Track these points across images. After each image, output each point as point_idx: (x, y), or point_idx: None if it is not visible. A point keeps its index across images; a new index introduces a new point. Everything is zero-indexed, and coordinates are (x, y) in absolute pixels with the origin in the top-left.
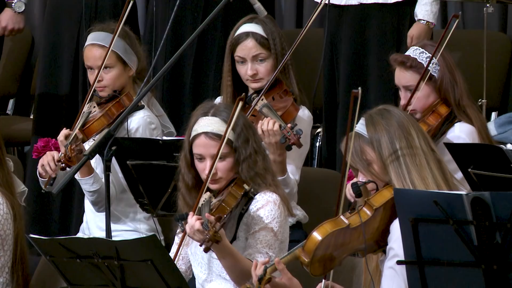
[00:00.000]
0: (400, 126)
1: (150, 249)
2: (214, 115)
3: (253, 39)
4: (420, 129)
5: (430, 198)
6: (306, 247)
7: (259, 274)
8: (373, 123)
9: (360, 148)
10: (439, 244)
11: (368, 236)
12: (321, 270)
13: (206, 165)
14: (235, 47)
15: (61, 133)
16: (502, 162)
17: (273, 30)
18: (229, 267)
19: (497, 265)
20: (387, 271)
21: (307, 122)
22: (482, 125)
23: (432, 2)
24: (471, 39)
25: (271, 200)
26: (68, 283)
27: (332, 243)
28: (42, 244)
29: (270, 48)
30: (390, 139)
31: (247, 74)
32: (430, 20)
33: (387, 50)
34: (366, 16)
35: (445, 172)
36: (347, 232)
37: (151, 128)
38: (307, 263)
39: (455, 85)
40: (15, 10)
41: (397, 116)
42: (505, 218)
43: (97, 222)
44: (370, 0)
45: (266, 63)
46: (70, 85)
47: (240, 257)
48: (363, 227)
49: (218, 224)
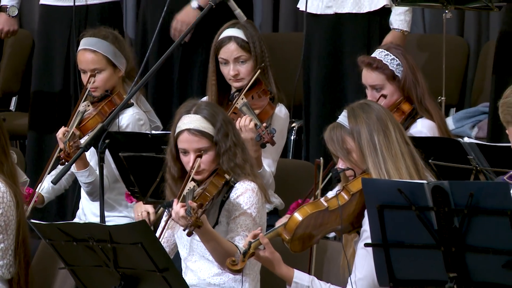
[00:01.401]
0: (379, 120)
1: (140, 233)
2: (196, 112)
3: (235, 43)
4: (397, 123)
5: (395, 186)
6: (287, 226)
7: (243, 249)
8: (354, 115)
9: (341, 137)
10: (402, 229)
11: (344, 218)
12: (300, 247)
13: (190, 158)
14: (219, 50)
15: (59, 131)
16: (459, 154)
17: (253, 34)
18: (212, 249)
19: (455, 247)
20: (360, 251)
21: (283, 119)
22: (442, 120)
23: (406, 11)
24: (432, 43)
25: (250, 188)
26: (66, 264)
27: (312, 223)
28: (42, 229)
29: (250, 51)
30: (369, 131)
31: (229, 74)
32: (404, 29)
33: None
34: (340, 24)
35: (417, 164)
36: (325, 214)
37: (140, 124)
38: (288, 240)
39: (417, 84)
40: (9, 14)
41: (376, 110)
42: (462, 204)
43: (92, 209)
44: (344, 10)
45: (247, 64)
46: (62, 83)
47: (222, 240)
48: (340, 210)
49: (200, 210)
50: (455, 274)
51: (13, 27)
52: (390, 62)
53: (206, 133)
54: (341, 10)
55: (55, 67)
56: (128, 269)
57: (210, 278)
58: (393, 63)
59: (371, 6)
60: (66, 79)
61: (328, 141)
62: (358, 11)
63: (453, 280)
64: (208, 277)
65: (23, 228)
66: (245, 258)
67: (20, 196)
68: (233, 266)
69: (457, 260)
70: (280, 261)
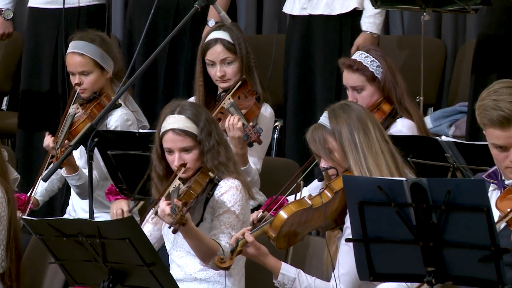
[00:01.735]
0: (359, 119)
1: (128, 229)
2: (180, 113)
3: (221, 45)
4: (376, 122)
5: (375, 183)
6: (273, 224)
7: (231, 247)
8: (335, 116)
9: (323, 137)
10: (382, 224)
11: (328, 215)
12: (286, 244)
13: (175, 157)
14: (206, 52)
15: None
16: (437, 152)
17: (239, 36)
18: (195, 246)
19: (433, 242)
20: (343, 247)
21: (268, 118)
22: (420, 119)
23: (375, 14)
24: (410, 44)
25: (234, 186)
26: (56, 259)
27: (296, 221)
28: (33, 225)
29: (236, 52)
30: (350, 130)
31: (216, 75)
32: (373, 31)
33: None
34: (313, 26)
35: (397, 161)
36: (310, 212)
37: (128, 125)
38: (274, 237)
39: (396, 85)
40: (4, 17)
41: (356, 110)
42: (440, 201)
43: (82, 205)
44: (317, 12)
45: (233, 66)
46: (50, 83)
47: (204, 237)
48: (324, 207)
49: (185, 208)
50: (433, 268)
51: (8, 30)
52: (370, 64)
53: (190, 133)
54: (315, 12)
55: (43, 67)
56: (116, 264)
57: (196, 273)
58: (373, 65)
59: (342, 8)
60: (53, 79)
61: (310, 141)
62: (330, 13)
63: (431, 274)
64: (194, 272)
65: (14, 224)
66: (233, 255)
67: (11, 193)
68: (221, 263)
69: (435, 255)
70: (267, 255)
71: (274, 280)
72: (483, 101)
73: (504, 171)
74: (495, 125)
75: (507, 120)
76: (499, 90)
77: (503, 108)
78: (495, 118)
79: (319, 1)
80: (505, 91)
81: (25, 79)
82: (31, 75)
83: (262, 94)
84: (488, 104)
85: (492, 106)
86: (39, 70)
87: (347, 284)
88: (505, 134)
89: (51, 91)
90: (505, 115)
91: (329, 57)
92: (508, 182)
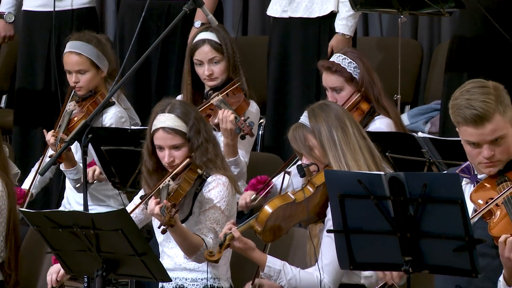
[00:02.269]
0: (337, 118)
1: (120, 220)
2: (170, 111)
3: (208, 45)
4: (354, 120)
5: (355, 177)
6: (259, 218)
7: (220, 241)
8: (314, 115)
9: (303, 136)
10: (362, 216)
11: (310, 209)
12: (271, 237)
13: (165, 153)
14: (194, 52)
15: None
16: (414, 147)
17: (225, 37)
18: (180, 242)
19: (410, 233)
20: (325, 239)
21: (255, 114)
22: (397, 117)
23: (348, 17)
24: (388, 45)
25: (221, 182)
26: (52, 249)
27: (281, 215)
28: (30, 217)
29: (223, 52)
30: (328, 128)
31: (204, 74)
32: (346, 33)
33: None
34: (293, 28)
35: (374, 156)
36: (293, 206)
37: (121, 122)
38: (260, 231)
39: (373, 84)
40: (6, 21)
41: (334, 109)
42: (416, 194)
43: (76, 198)
44: (297, 15)
45: (220, 65)
46: (44, 82)
47: (189, 234)
48: (306, 202)
49: (174, 210)
50: (410, 258)
51: (10, 33)
52: (347, 65)
53: (179, 131)
54: (295, 15)
55: (37, 67)
56: (109, 254)
57: (185, 263)
58: (351, 66)
59: (320, 11)
60: (47, 78)
61: (292, 140)
62: (309, 16)
63: (408, 263)
64: (184, 262)
65: (13, 216)
66: (221, 249)
67: (11, 187)
68: (210, 257)
69: (411, 245)
70: (253, 248)
71: (261, 272)
72: (456, 100)
73: (476, 166)
74: (468, 123)
75: (479, 118)
76: (471, 89)
77: (475, 107)
78: (468, 117)
79: (299, 5)
80: (478, 91)
81: (20, 78)
82: (26, 75)
83: (248, 92)
84: (461, 103)
85: (465, 105)
86: (34, 70)
87: (330, 273)
88: (477, 132)
89: (45, 89)
90: (477, 114)
91: (308, 58)
92: (480, 176)
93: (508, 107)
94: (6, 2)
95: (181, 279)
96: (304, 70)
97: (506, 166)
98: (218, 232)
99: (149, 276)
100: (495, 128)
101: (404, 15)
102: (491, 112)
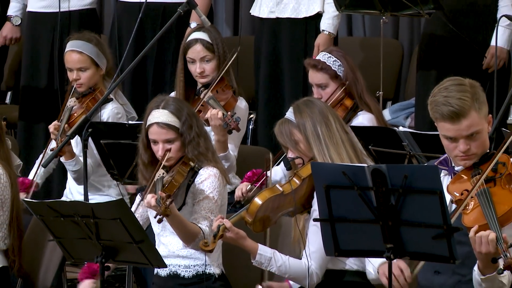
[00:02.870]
0: (321, 113)
1: (118, 210)
2: (164, 107)
3: (200, 44)
4: (337, 115)
5: (340, 169)
6: (249, 210)
7: (213, 232)
8: (299, 111)
9: (289, 131)
10: (346, 206)
11: (297, 200)
12: (261, 228)
13: (159, 147)
14: (187, 50)
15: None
16: (395, 141)
17: (216, 37)
18: (178, 230)
19: (391, 222)
20: (312, 228)
21: (243, 110)
22: (379, 112)
23: (334, 17)
24: (371, 45)
25: (212, 174)
26: (54, 237)
27: (270, 206)
28: (33, 206)
29: (214, 51)
30: (313, 123)
31: (196, 72)
32: (331, 31)
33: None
34: (281, 28)
35: (356, 149)
36: (281, 198)
37: (118, 117)
38: (250, 222)
39: (356, 82)
40: (13, 23)
41: (318, 105)
42: (398, 185)
43: (77, 188)
44: (284, 15)
45: (211, 63)
46: (47, 79)
47: (187, 223)
48: (293, 193)
49: (169, 200)
50: (391, 245)
51: (16, 35)
52: (332, 63)
53: (172, 126)
54: (282, 15)
55: (41, 65)
56: (108, 241)
57: (178, 250)
58: (335, 64)
59: (307, 12)
60: (50, 75)
61: (278, 134)
62: (296, 16)
63: (390, 250)
64: (177, 250)
65: (16, 205)
66: (215, 239)
67: (14, 178)
68: (205, 247)
69: (393, 233)
70: (245, 238)
71: (252, 260)
72: (435, 97)
73: (454, 159)
74: (445, 119)
75: (456, 115)
76: (449, 87)
77: (452, 104)
78: (445, 113)
79: (286, 6)
80: (455, 88)
81: (25, 76)
82: (31, 73)
83: (237, 89)
84: (439, 100)
85: (443, 102)
86: (38, 68)
87: (317, 260)
88: (454, 127)
89: (48, 86)
90: (454, 110)
91: (296, 57)
92: (457, 168)
93: (483, 104)
94: (13, 6)
95: (175, 265)
96: (292, 68)
97: (481, 159)
98: (212, 220)
99: (146, 263)
100: (470, 124)
101: (386, 17)
102: (467, 109)
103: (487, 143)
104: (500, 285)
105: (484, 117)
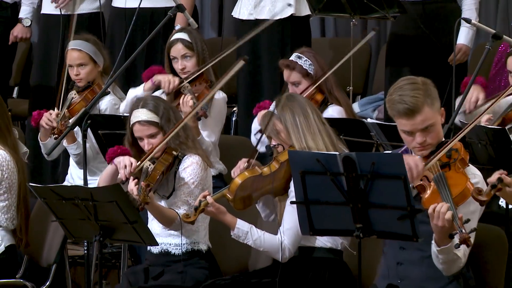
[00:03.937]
0: (300, 106)
1: (115, 193)
2: (143, 106)
3: (181, 43)
4: (315, 109)
5: (314, 157)
6: (230, 188)
7: (195, 206)
8: (281, 104)
9: (272, 122)
10: (320, 190)
11: (276, 183)
12: (242, 205)
13: (145, 143)
14: (170, 49)
15: (53, 113)
16: (364, 131)
17: (196, 37)
18: (157, 216)
19: (360, 204)
20: (288, 207)
21: (220, 101)
22: (348, 105)
23: None
24: (342, 44)
25: (194, 161)
26: (57, 217)
27: (249, 186)
28: (38, 190)
29: (194, 49)
30: (292, 115)
31: (178, 68)
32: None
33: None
34: None
35: (332, 139)
36: (260, 179)
37: (115, 108)
38: (231, 199)
39: (326, 79)
40: (23, 24)
41: (298, 100)
42: (366, 171)
43: (78, 174)
44: (262, 17)
45: (191, 60)
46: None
47: (164, 210)
48: (272, 176)
49: (148, 189)
50: (361, 225)
51: (26, 35)
52: (303, 63)
53: (152, 122)
54: (260, 17)
55: (51, 63)
56: (105, 222)
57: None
58: (306, 64)
59: (282, 14)
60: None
61: (262, 125)
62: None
63: (359, 230)
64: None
65: (23, 189)
66: (196, 212)
67: (21, 164)
68: (187, 219)
69: (362, 214)
70: (225, 213)
71: (231, 233)
72: (391, 96)
73: (412, 150)
74: (401, 116)
75: (411, 111)
76: (403, 86)
77: (407, 101)
78: (401, 110)
79: (263, 8)
80: (408, 87)
81: (35, 73)
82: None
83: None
84: (395, 98)
85: (398, 100)
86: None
87: (290, 237)
88: (410, 123)
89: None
90: (409, 108)
91: (273, 56)
92: None
93: (436, 99)
94: (24, 9)
95: (166, 244)
96: (271, 67)
97: (437, 147)
98: (191, 204)
99: (139, 241)
100: (424, 118)
101: (355, 19)
102: (420, 105)
103: (441, 134)
104: (455, 257)
105: (437, 110)
